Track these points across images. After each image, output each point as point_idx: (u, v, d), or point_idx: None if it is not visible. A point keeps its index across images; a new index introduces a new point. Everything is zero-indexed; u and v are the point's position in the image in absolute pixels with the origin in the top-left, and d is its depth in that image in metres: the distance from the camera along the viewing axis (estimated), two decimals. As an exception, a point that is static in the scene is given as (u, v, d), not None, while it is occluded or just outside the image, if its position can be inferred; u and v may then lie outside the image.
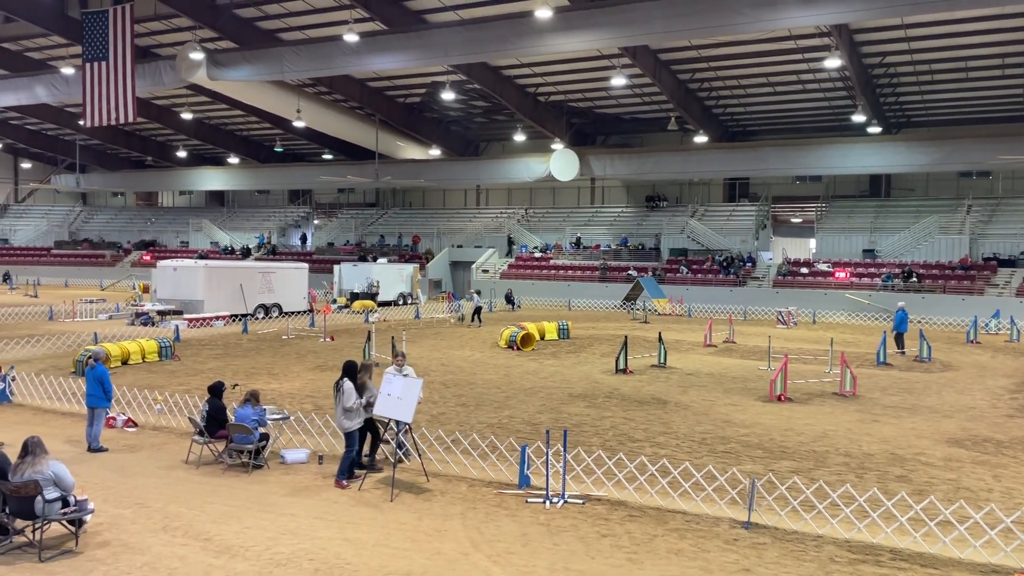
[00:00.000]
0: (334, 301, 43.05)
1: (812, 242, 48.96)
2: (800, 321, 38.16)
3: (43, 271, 59.78)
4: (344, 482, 11.27)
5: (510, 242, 55.21)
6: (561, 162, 48.29)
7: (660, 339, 23.77)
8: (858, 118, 41.21)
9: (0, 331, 28.22)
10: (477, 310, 35.06)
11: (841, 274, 43.03)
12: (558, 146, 49.29)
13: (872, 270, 42.96)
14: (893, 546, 9.19)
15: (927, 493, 10.84)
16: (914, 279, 40.50)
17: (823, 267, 44.27)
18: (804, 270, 44.51)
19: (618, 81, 39.37)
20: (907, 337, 27.59)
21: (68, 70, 41.79)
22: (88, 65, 36.97)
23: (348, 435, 11.46)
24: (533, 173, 50.36)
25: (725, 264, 46.27)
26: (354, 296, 43.18)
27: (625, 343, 22.54)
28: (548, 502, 10.55)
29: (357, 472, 11.58)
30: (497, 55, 36.78)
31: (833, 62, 34.60)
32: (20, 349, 23.66)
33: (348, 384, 11.39)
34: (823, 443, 14.10)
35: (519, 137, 51.05)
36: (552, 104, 49.12)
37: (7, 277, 54.75)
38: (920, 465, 12.72)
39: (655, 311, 41.14)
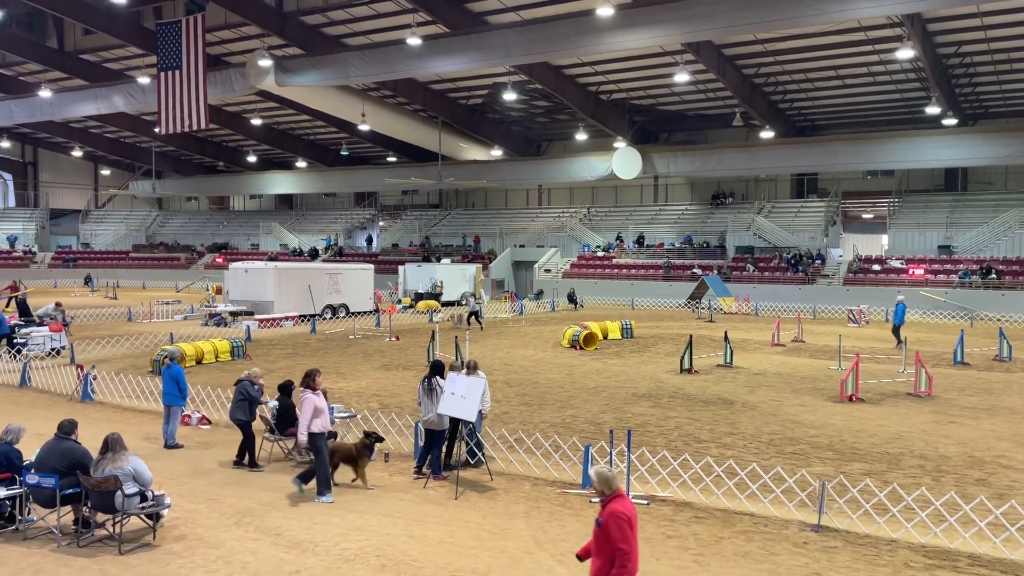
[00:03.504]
0: (399, 301, 43.59)
1: (884, 238, 47.54)
2: (872, 320, 37.08)
3: (122, 274, 62.04)
4: (444, 475, 11.58)
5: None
6: (623, 160, 47.94)
7: (726, 338, 23.39)
8: (932, 110, 39.81)
9: (82, 331, 29.42)
10: (473, 313, 33.67)
11: (915, 271, 41.67)
12: (620, 144, 48.94)
13: (948, 267, 41.46)
14: (971, 551, 8.87)
15: (1008, 497, 10.42)
16: (993, 276, 38.95)
17: (896, 264, 42.95)
18: (876, 267, 43.26)
19: (681, 77, 38.89)
20: (986, 335, 26.55)
21: (144, 79, 43.27)
22: (162, 74, 38.22)
23: (439, 433, 11.63)
24: (595, 172, 50.13)
25: (793, 261, 45.30)
26: (418, 296, 43.66)
27: (690, 342, 22.25)
28: (612, 502, 10.46)
29: (424, 470, 11.70)
30: (558, 54, 36.70)
31: (905, 53, 33.51)
32: (101, 349, 24.62)
33: (442, 382, 11.56)
34: (897, 445, 13.67)
35: (581, 136, 50.87)
36: (614, 102, 48.80)
37: (88, 280, 56.99)
38: (1000, 468, 12.23)
39: (720, 310, 40.51)
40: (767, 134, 45.79)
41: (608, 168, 48.65)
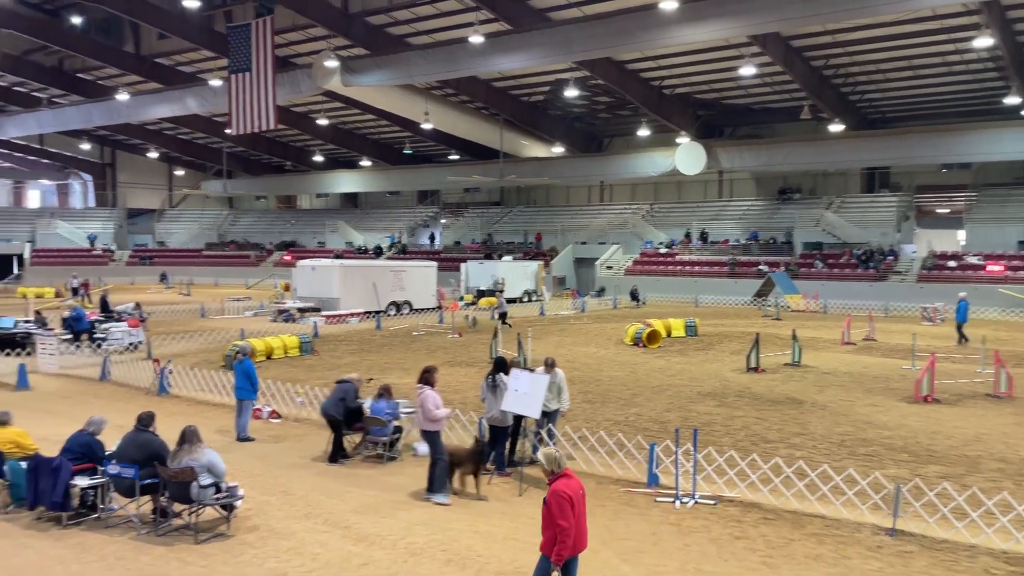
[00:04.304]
0: (461, 298, 43.89)
1: (960, 234, 45.87)
2: (948, 318, 35.80)
3: (195, 271, 63.92)
4: (508, 471, 11.63)
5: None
6: (687, 155, 47.35)
7: (794, 336, 22.91)
8: (1012, 100, 38.23)
9: (159, 327, 30.41)
10: (502, 315, 32.43)
11: (994, 267, 40.09)
12: (684, 139, 48.35)
13: (1030, 263, 39.83)
14: (1059, 561, 8.49)
15: (1098, 505, 9.94)
16: (1079, 272, 37.24)
17: (973, 260, 41.40)
18: (952, 263, 41.80)
19: (747, 71, 38.17)
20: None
21: (215, 82, 44.46)
22: (233, 76, 39.21)
23: (503, 430, 11.67)
24: (658, 168, 49.63)
25: (864, 258, 44.14)
26: (480, 293, 43.88)
27: (756, 340, 21.84)
28: (678, 502, 10.38)
29: (488, 466, 11.75)
30: (621, 49, 36.40)
31: (983, 42, 32.24)
32: (176, 344, 25.42)
33: (506, 379, 11.60)
34: (975, 447, 13.19)
35: (643, 132, 50.39)
36: (677, 97, 48.19)
37: (164, 277, 58.90)
38: (1089, 474, 11.69)
39: (788, 308, 39.68)
40: (836, 127, 44.64)
41: (671, 164, 48.11)
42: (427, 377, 11.04)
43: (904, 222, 47.14)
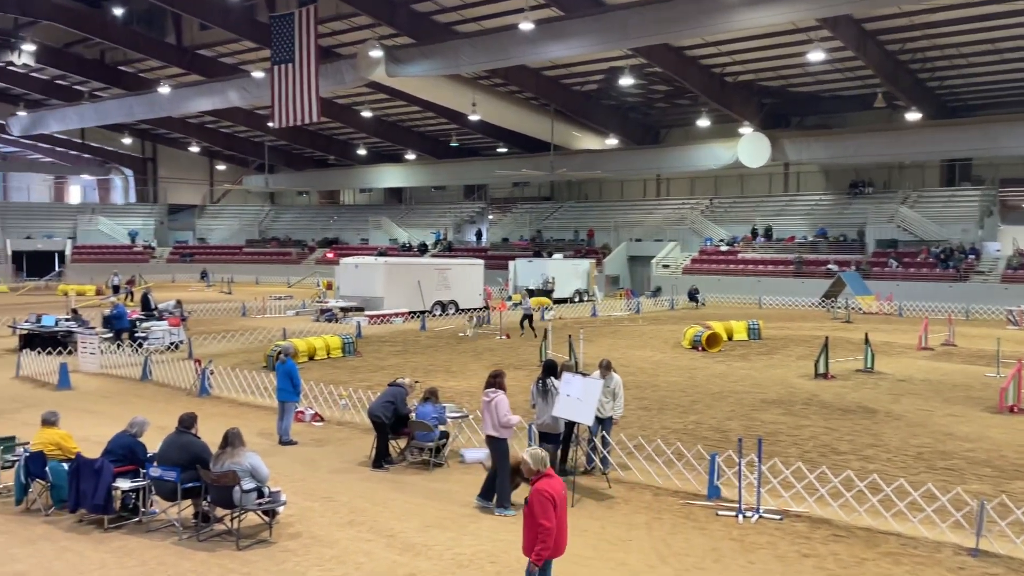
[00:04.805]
0: (509, 298, 43.97)
1: (1050, 230, 44.46)
2: (1035, 321, 34.73)
3: (236, 269, 65.16)
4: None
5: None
6: (750, 147, 46.73)
7: (866, 340, 22.46)
8: (1110, 84, 36.90)
9: (199, 326, 31.10)
10: (526, 317, 31.10)
11: (1088, 267, 38.78)
12: (747, 130, 47.72)
13: None
14: None
15: None
16: None
17: (1065, 259, 40.09)
18: (1040, 263, 40.53)
19: (816, 56, 37.47)
20: None
21: (258, 73, 45.27)
22: (276, 67, 39.84)
23: (554, 437, 11.66)
24: (719, 160, 49.07)
25: (943, 256, 43.08)
26: (529, 293, 43.87)
27: (825, 345, 21.47)
28: (741, 516, 10.26)
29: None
30: (680, 35, 36.08)
31: (1078, 21, 31.17)
32: (217, 344, 25.97)
33: (557, 383, 11.59)
34: (1068, 463, 12.76)
35: (703, 122, 49.85)
36: (740, 84, 47.60)
37: (204, 275, 60.21)
38: None
39: (859, 309, 38.93)
40: (913, 116, 43.59)
41: (733, 156, 47.52)
42: (498, 381, 11.06)
43: (987, 218, 45.85)
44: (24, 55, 49.92)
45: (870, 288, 40.99)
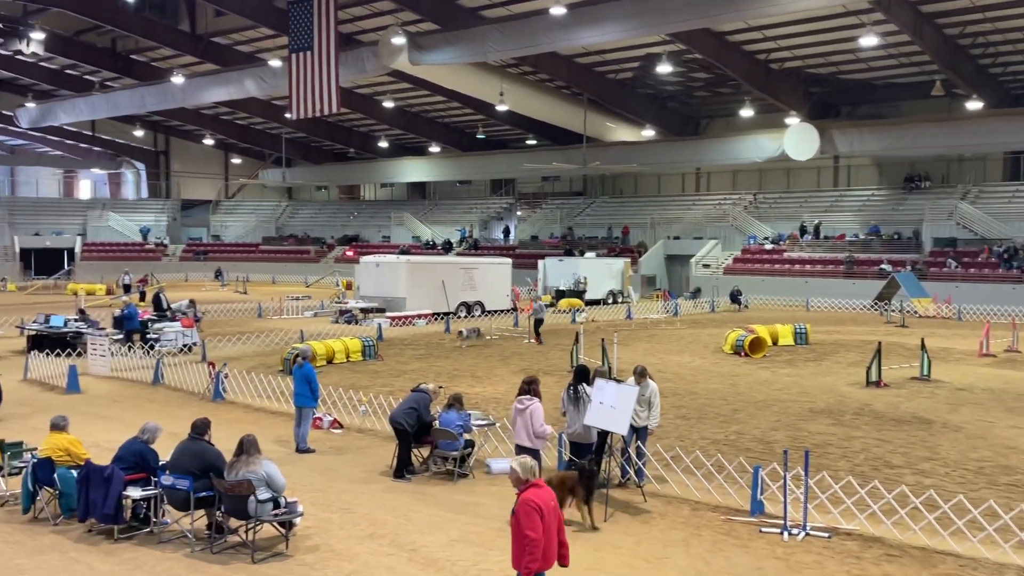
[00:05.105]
0: (538, 299, 43.93)
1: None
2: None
3: (251, 267, 65.74)
4: None
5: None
6: (797, 138, 46.34)
7: (923, 346, 22.21)
8: None
9: (213, 327, 31.44)
10: (539, 323, 29.75)
11: None
12: (793, 120, 47.33)
13: None
14: None
15: None
16: None
17: None
18: (1113, 263, 39.82)
19: (868, 41, 37.04)
20: None
21: (275, 62, 45.65)
22: (294, 56, 40.15)
23: (586, 447, 11.65)
24: (763, 152, 48.70)
25: (1006, 256, 42.50)
26: (560, 294, 43.86)
27: (878, 350, 21.25)
28: (786, 533, 10.18)
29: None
30: (722, 19, 35.86)
31: None
32: (232, 346, 26.23)
33: (589, 390, 11.57)
34: None
35: (746, 112, 49.54)
36: (786, 72, 47.23)
37: (219, 273, 60.89)
38: None
39: (915, 313, 38.49)
40: (974, 105, 43.00)
41: (779, 148, 47.16)
42: (533, 388, 11.09)
43: (1055, 215, 45.19)
44: (33, 43, 50.76)
45: (927, 290, 40.56)
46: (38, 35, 50.08)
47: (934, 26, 39.19)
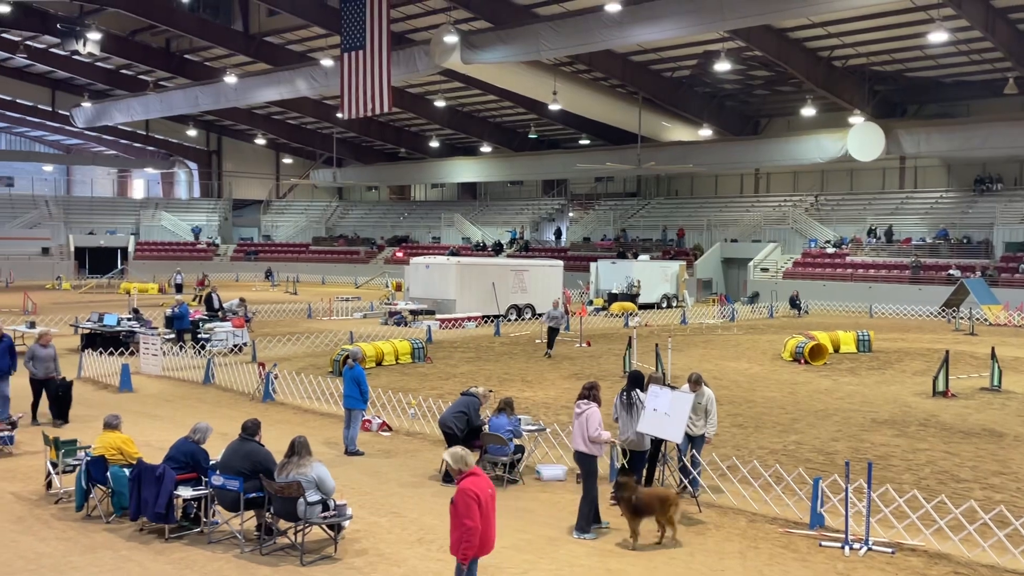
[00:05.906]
0: (590, 303, 43.85)
1: None
2: None
3: (301, 268, 66.83)
4: None
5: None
6: (861, 138, 45.63)
7: (993, 355, 21.69)
8: None
9: (263, 328, 31.95)
10: (554, 331, 27.27)
11: None
12: (857, 119, 46.60)
13: None
14: None
15: None
16: None
17: None
18: None
19: (937, 37, 36.30)
20: None
21: (327, 62, 46.30)
22: (346, 55, 40.63)
23: (639, 455, 11.62)
24: (825, 153, 48.00)
25: (1082, 262, 41.32)
26: (612, 297, 43.70)
27: (946, 359, 20.80)
28: (848, 548, 10.02)
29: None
30: (783, 15, 35.43)
31: None
32: (282, 347, 26.62)
33: (643, 396, 11.52)
34: None
35: (808, 111, 48.87)
36: (850, 69, 46.50)
37: (270, 274, 61.87)
38: None
39: (985, 320, 37.59)
40: (1050, 103, 41.93)
41: (842, 148, 46.48)
42: (593, 393, 11.05)
43: None
44: (89, 43, 52.05)
45: (998, 297, 39.69)
46: (94, 35, 51.36)
47: (1007, 21, 38.30)
